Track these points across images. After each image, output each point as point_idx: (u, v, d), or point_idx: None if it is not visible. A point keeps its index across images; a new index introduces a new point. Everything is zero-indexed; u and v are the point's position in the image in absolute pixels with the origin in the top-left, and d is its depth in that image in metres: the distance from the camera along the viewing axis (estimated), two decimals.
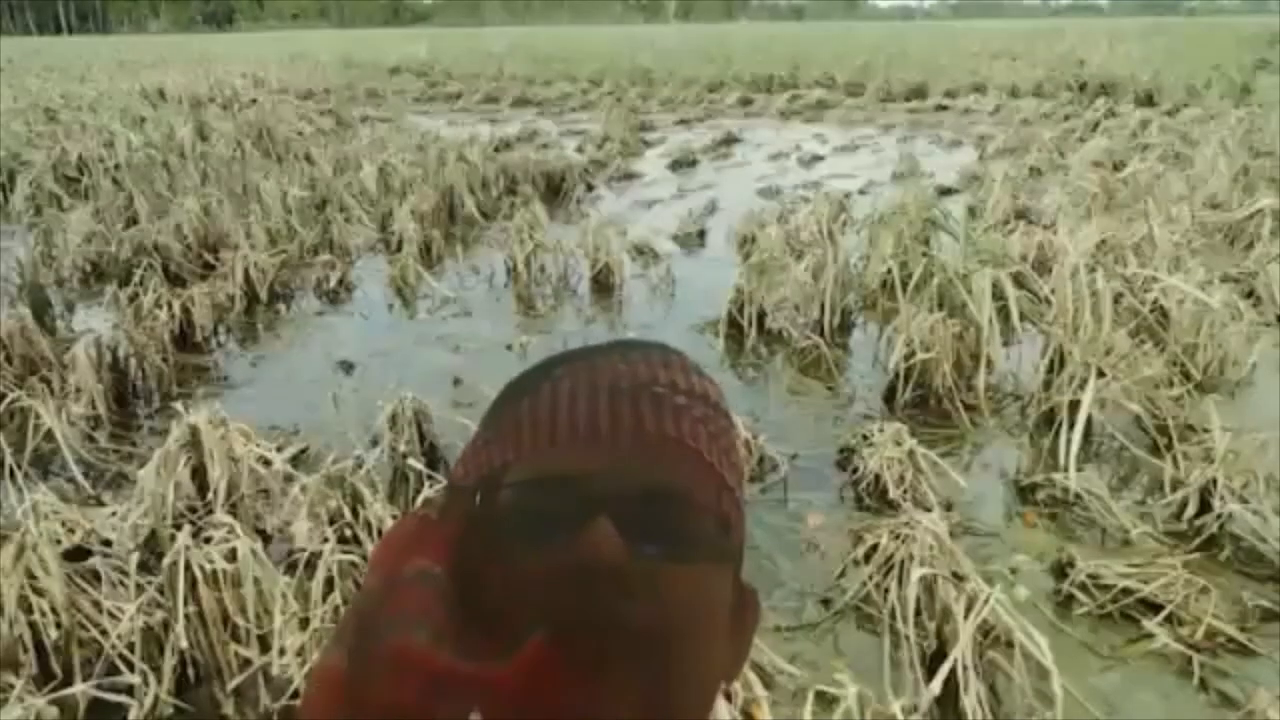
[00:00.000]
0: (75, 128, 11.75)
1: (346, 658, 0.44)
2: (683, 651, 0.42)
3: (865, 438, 3.53)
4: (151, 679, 2.32)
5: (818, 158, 11.15)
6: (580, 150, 11.17)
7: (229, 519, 2.58)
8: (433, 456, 3.56)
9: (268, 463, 3.28)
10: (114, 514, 2.96)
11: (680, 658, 0.42)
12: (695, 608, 0.44)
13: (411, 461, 3.29)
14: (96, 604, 2.46)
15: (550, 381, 0.48)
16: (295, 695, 2.25)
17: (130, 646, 2.35)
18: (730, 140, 12.50)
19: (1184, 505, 3.13)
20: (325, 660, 0.45)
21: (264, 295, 5.70)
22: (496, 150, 10.29)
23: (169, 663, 2.33)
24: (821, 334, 4.76)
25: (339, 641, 0.45)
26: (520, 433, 0.47)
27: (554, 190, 8.91)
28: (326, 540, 2.56)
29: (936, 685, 2.21)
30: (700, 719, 0.45)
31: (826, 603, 2.76)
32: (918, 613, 2.44)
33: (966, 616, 2.30)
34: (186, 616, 2.32)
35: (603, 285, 5.93)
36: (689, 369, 0.51)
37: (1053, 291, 4.51)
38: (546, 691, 0.40)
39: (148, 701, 2.28)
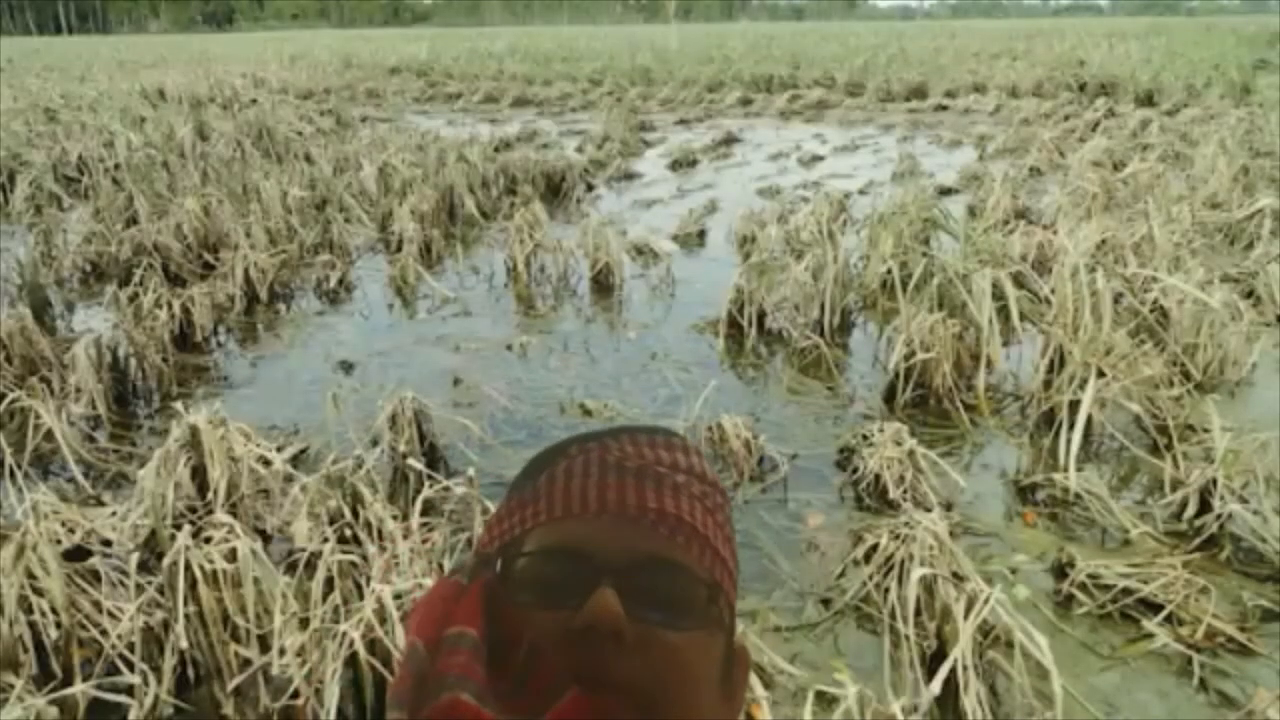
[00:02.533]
0: (75, 128, 11.76)
1: (405, 716, 0.50)
2: (674, 704, 0.47)
3: (865, 437, 3.53)
4: (151, 679, 2.32)
5: (818, 158, 11.15)
6: (580, 150, 11.17)
7: (229, 519, 2.57)
8: (433, 456, 3.56)
9: (268, 463, 3.28)
10: (114, 514, 2.96)
11: (672, 710, 0.47)
12: (685, 666, 0.49)
13: (411, 461, 3.29)
14: (96, 604, 2.46)
15: (566, 459, 0.55)
16: (295, 695, 2.25)
17: (130, 646, 2.35)
18: (730, 140, 12.50)
19: (1184, 505, 3.13)
20: (388, 717, 0.52)
21: (264, 295, 5.70)
22: (496, 150, 10.28)
23: (169, 663, 2.33)
24: (821, 334, 4.77)
25: (397, 700, 0.51)
26: (537, 504, 0.53)
27: (554, 190, 8.90)
28: (326, 540, 2.56)
29: (936, 685, 2.21)
30: None
31: (826, 603, 2.76)
32: (918, 613, 2.44)
33: (966, 616, 2.30)
34: (186, 616, 2.32)
35: (603, 285, 5.94)
36: (690, 451, 0.57)
37: (1053, 291, 4.50)
38: None
39: (148, 701, 2.28)
